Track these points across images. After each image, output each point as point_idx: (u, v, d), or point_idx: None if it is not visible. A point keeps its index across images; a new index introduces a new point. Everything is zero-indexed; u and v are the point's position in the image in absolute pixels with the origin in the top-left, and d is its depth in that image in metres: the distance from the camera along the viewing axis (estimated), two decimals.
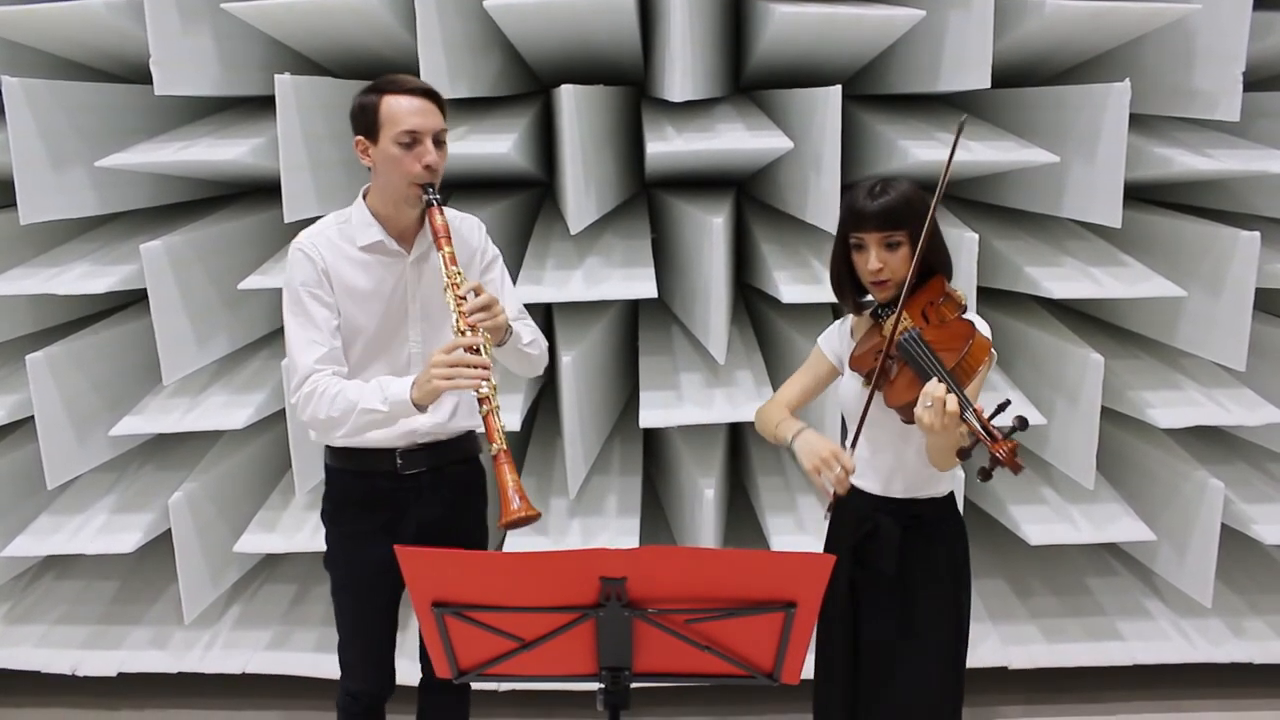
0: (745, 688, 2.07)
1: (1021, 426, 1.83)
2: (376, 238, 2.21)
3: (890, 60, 3.13)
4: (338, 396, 2.15)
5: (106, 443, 3.20)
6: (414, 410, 2.11)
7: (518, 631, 1.75)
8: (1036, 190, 3.11)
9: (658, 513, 3.46)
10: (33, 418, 3.06)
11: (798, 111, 2.95)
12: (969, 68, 2.86)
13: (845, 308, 2.19)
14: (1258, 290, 2.94)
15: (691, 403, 3.02)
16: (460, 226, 2.30)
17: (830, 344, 2.25)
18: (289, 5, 2.83)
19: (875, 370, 2.01)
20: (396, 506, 2.30)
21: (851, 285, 2.13)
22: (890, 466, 2.13)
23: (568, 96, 2.79)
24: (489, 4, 2.77)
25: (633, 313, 3.49)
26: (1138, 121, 2.96)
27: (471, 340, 2.04)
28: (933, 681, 2.16)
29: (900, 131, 2.99)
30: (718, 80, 3.18)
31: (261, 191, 3.34)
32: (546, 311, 3.35)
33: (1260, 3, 2.89)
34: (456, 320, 2.07)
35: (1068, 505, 3.17)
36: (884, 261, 2.02)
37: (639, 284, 2.96)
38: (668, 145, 2.90)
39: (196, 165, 3.03)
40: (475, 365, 2.02)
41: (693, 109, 3.12)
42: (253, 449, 3.37)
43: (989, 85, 2.85)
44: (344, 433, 2.18)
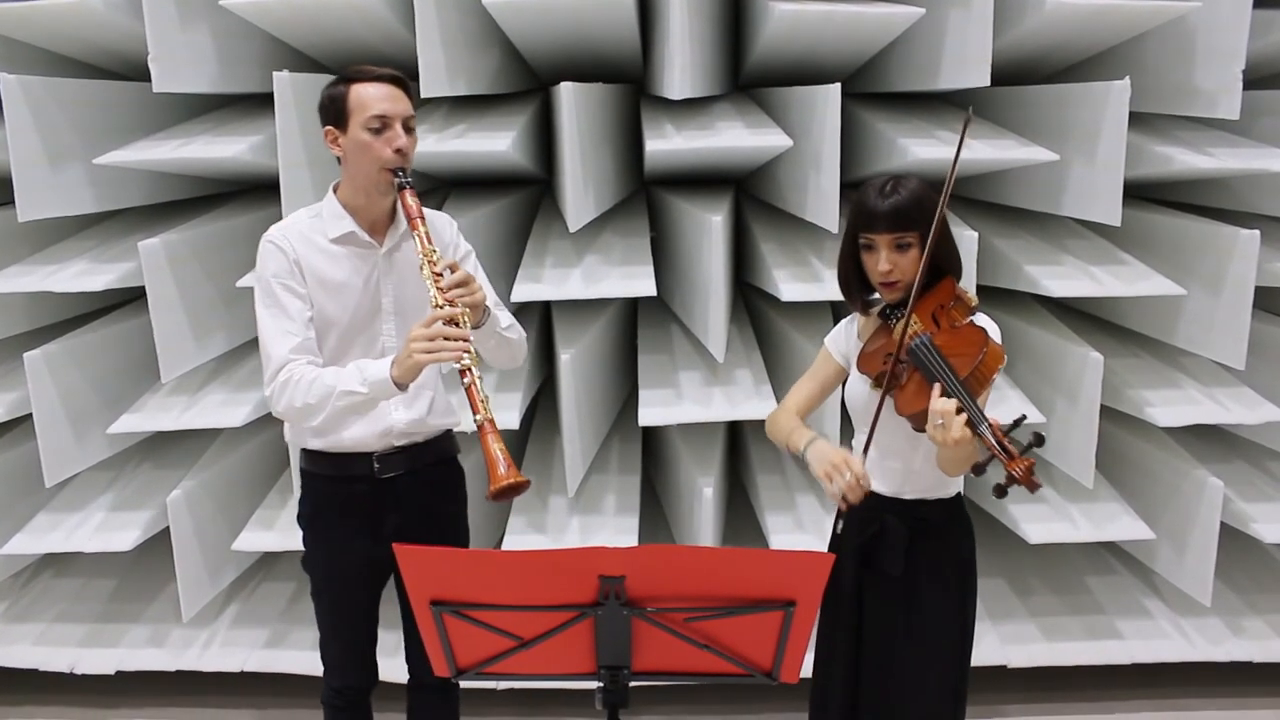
0: (744, 686, 2.06)
1: (1038, 443, 1.80)
2: (348, 229, 2.21)
3: (890, 58, 3.13)
4: (314, 382, 2.13)
5: (104, 441, 3.20)
6: (395, 390, 2.10)
7: (516, 630, 1.75)
8: (1036, 188, 3.10)
9: (657, 511, 3.46)
10: (30, 416, 3.05)
11: (797, 109, 2.95)
12: (969, 66, 2.86)
13: (853, 307, 2.16)
14: (1257, 289, 2.93)
15: (691, 401, 3.01)
16: (433, 222, 2.28)
17: (838, 345, 2.22)
18: (288, 2, 2.83)
19: (886, 374, 1.99)
20: (374, 510, 2.30)
21: (859, 285, 2.10)
22: (899, 470, 2.11)
23: (567, 94, 2.78)
24: (488, 1, 2.76)
25: (632, 311, 3.49)
26: (1138, 120, 2.96)
27: (450, 312, 2.04)
28: (937, 683, 2.15)
29: (900, 130, 2.99)
30: (717, 78, 3.17)
31: (260, 189, 3.33)
32: (545, 310, 3.35)
33: (1260, 1, 2.89)
34: (434, 296, 2.06)
35: (1067, 504, 3.17)
36: (894, 263, 1.99)
37: (638, 282, 2.96)
38: (667, 143, 2.89)
39: (195, 162, 3.03)
40: (455, 337, 2.02)
41: (692, 107, 3.11)
42: (251, 447, 3.37)
43: (989, 83, 2.84)
44: (322, 420, 2.15)
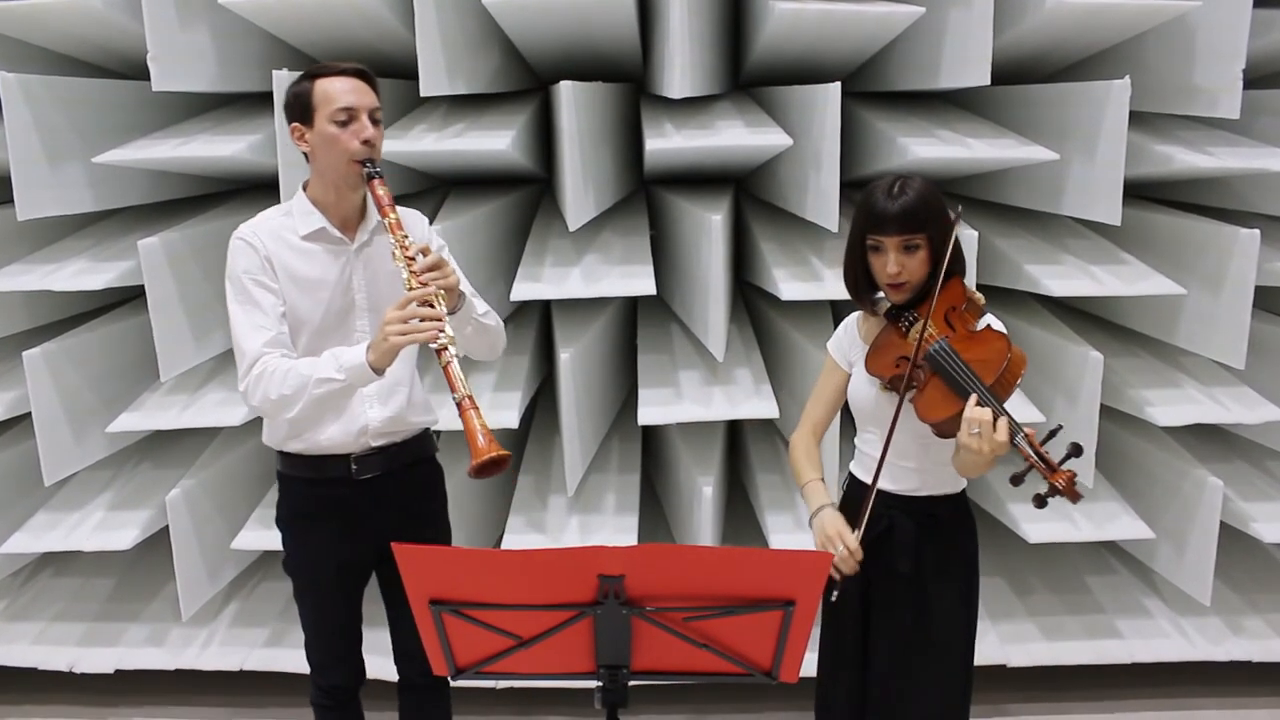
0: (743, 686, 2.06)
1: (1076, 454, 1.82)
2: (318, 225, 2.21)
3: (890, 57, 3.13)
4: (289, 373, 2.12)
5: (103, 439, 3.19)
6: (372, 375, 2.09)
7: (515, 629, 1.74)
8: (1037, 188, 3.10)
9: (656, 511, 3.46)
10: (29, 414, 3.05)
11: (797, 108, 2.95)
12: (969, 65, 2.86)
13: (863, 309, 2.16)
14: (1257, 288, 2.93)
15: (690, 400, 3.01)
16: (404, 218, 2.27)
17: (841, 349, 2.22)
18: (287, 1, 2.82)
19: (904, 378, 1.99)
20: (353, 511, 2.29)
21: (868, 285, 2.10)
22: (911, 469, 2.12)
23: (566, 93, 2.78)
24: (488, 0, 2.76)
25: (631, 310, 3.49)
26: (1138, 119, 2.96)
27: (424, 293, 2.03)
28: (946, 681, 2.16)
29: (900, 129, 2.99)
30: (717, 77, 3.17)
31: (259, 188, 3.33)
32: (545, 309, 3.35)
33: (1260, 0, 2.88)
34: (407, 279, 2.06)
35: (1066, 503, 3.15)
36: (902, 265, 2.00)
37: (638, 281, 2.96)
38: (667, 142, 2.89)
39: (194, 161, 3.03)
40: (430, 318, 2.01)
41: (692, 106, 3.11)
42: (250, 446, 3.37)
43: (989, 82, 2.84)
44: (298, 410, 2.13)
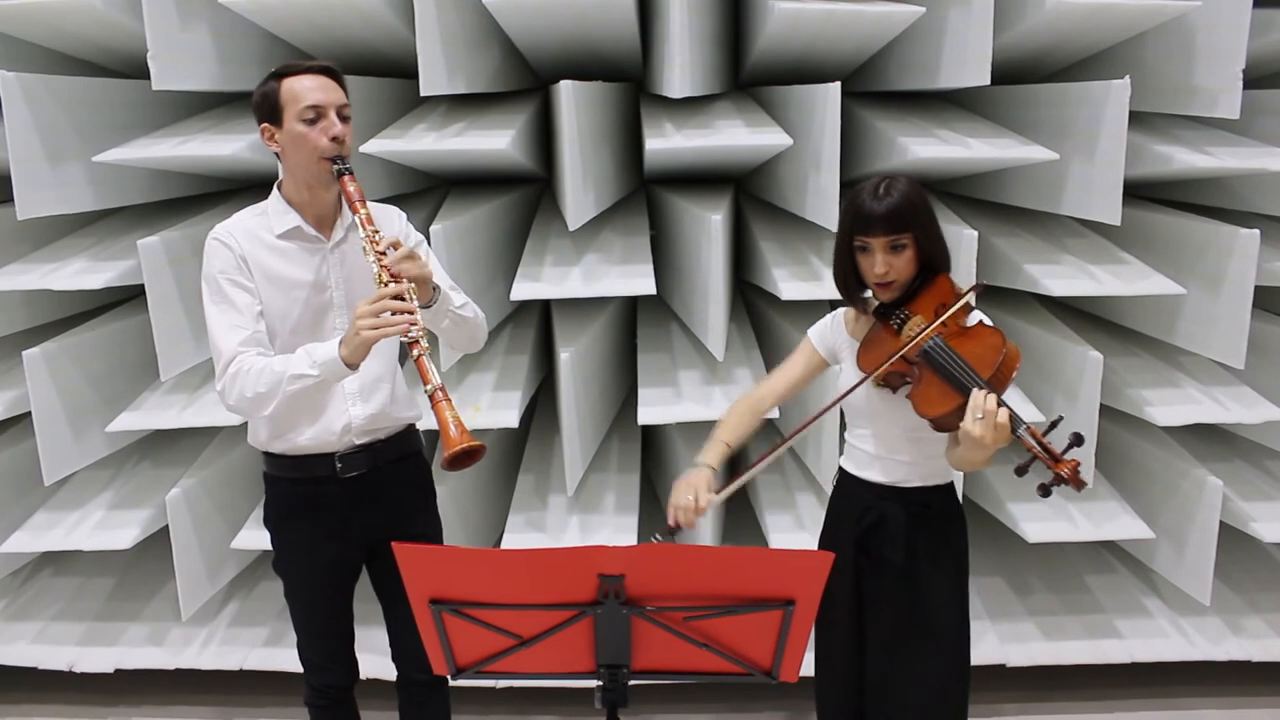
0: (744, 685, 2.07)
1: (1078, 443, 1.84)
2: (294, 223, 2.21)
3: (890, 57, 3.13)
4: (263, 371, 2.12)
5: (103, 439, 3.19)
6: (345, 370, 2.08)
7: (515, 629, 1.75)
8: (1036, 187, 3.10)
9: (656, 510, 3.45)
10: (29, 414, 3.05)
11: (797, 108, 2.95)
12: (969, 64, 2.86)
13: (855, 308, 2.17)
14: (1257, 288, 2.93)
15: (690, 400, 3.01)
16: (378, 216, 2.27)
17: (823, 339, 2.24)
18: (287, 0, 2.82)
19: (900, 375, 2.04)
20: (340, 509, 2.30)
21: (858, 284, 2.12)
22: (901, 462, 2.14)
23: (566, 92, 2.78)
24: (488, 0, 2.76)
25: (631, 310, 3.49)
26: (1137, 119, 2.96)
27: (396, 289, 2.03)
28: (942, 666, 2.18)
29: (900, 129, 2.99)
30: (717, 76, 3.17)
31: (259, 187, 3.31)
32: (545, 308, 3.35)
33: (1260, 0, 2.88)
34: (379, 274, 2.06)
35: (1066, 503, 3.17)
36: (889, 264, 2.02)
37: (638, 281, 2.96)
38: (667, 142, 2.89)
39: (194, 160, 3.03)
40: (400, 310, 2.01)
41: (692, 105, 3.11)
42: (250, 446, 3.36)
43: (989, 82, 2.84)
44: (274, 408, 2.14)
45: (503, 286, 3.09)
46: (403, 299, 2.02)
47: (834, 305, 3.08)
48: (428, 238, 2.54)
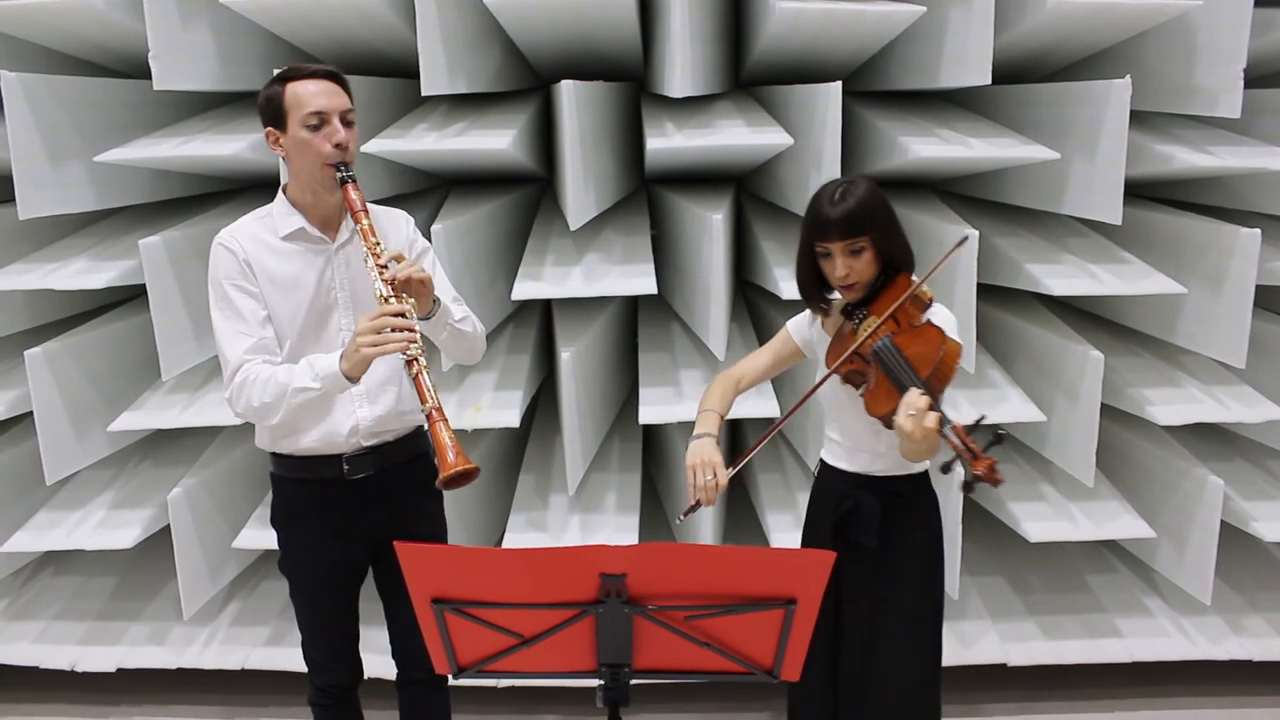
0: (745, 685, 2.07)
1: (998, 441, 1.90)
2: (298, 225, 2.22)
3: (891, 56, 3.13)
4: (269, 381, 2.14)
5: (105, 438, 3.20)
6: (347, 384, 2.11)
7: (517, 628, 1.75)
8: (1037, 187, 3.10)
9: (657, 510, 3.46)
10: (31, 413, 3.05)
11: (798, 108, 2.95)
12: (969, 64, 2.86)
13: (812, 310, 2.29)
14: (1258, 287, 2.93)
15: (691, 399, 3.01)
16: (384, 221, 2.29)
17: (800, 330, 2.35)
18: (288, 0, 2.82)
19: (854, 372, 2.12)
20: (347, 511, 2.30)
21: (816, 287, 2.22)
22: (866, 453, 2.24)
23: (567, 92, 2.78)
24: None
25: (632, 309, 3.49)
26: (1138, 118, 2.96)
27: (397, 307, 2.04)
28: (915, 651, 2.25)
29: (900, 128, 2.99)
30: (718, 76, 3.17)
31: (260, 187, 3.33)
32: (546, 308, 3.35)
33: (1260, 0, 2.88)
34: (380, 288, 2.07)
35: (1067, 502, 3.17)
36: (849, 267, 2.10)
37: (639, 280, 2.96)
38: (667, 141, 2.89)
39: (195, 160, 3.03)
40: (401, 329, 2.02)
41: (693, 105, 3.11)
42: (251, 445, 3.32)
43: (989, 82, 2.84)
44: (280, 417, 2.16)
45: (504, 286, 3.09)
46: (404, 316, 2.04)
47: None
48: (429, 238, 2.54)
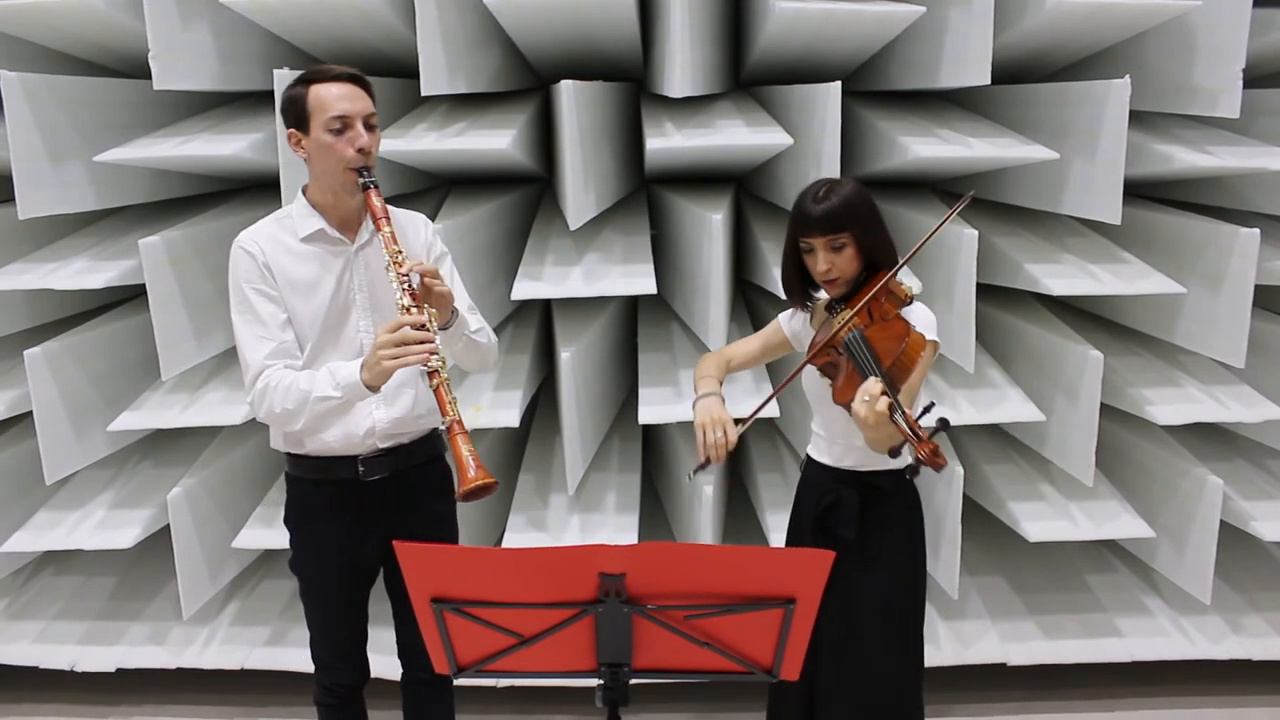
0: (744, 684, 2.07)
1: (944, 427, 1.94)
2: (317, 226, 2.22)
3: (890, 56, 3.13)
4: (290, 388, 2.14)
5: (105, 438, 3.19)
6: (367, 393, 2.11)
7: (517, 628, 1.75)
8: (1037, 187, 3.10)
9: (657, 509, 3.46)
10: (31, 413, 3.05)
11: (798, 108, 2.95)
12: (969, 64, 2.86)
13: (794, 306, 2.34)
14: (1257, 287, 2.94)
15: (691, 399, 3.01)
16: (404, 224, 2.29)
17: (790, 322, 2.40)
18: (288, 0, 2.83)
19: (832, 364, 2.17)
20: (360, 512, 2.30)
21: (801, 284, 2.28)
22: (844, 446, 2.29)
23: (567, 92, 2.78)
24: None
25: (632, 309, 3.49)
26: (1138, 118, 2.96)
27: (417, 318, 2.05)
28: (895, 641, 2.27)
29: (900, 128, 2.99)
30: (717, 76, 3.17)
31: (260, 187, 3.33)
32: (545, 308, 3.35)
33: (1260, 0, 2.88)
34: (400, 298, 2.07)
35: (1067, 502, 3.17)
36: (831, 262, 2.16)
37: (638, 280, 2.96)
38: (667, 141, 2.89)
39: (195, 160, 3.03)
40: (421, 340, 2.03)
41: (692, 105, 3.11)
42: (251, 445, 3.37)
43: (989, 82, 2.84)
44: (302, 424, 2.17)
45: (503, 286, 3.10)
46: (424, 328, 2.04)
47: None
48: None
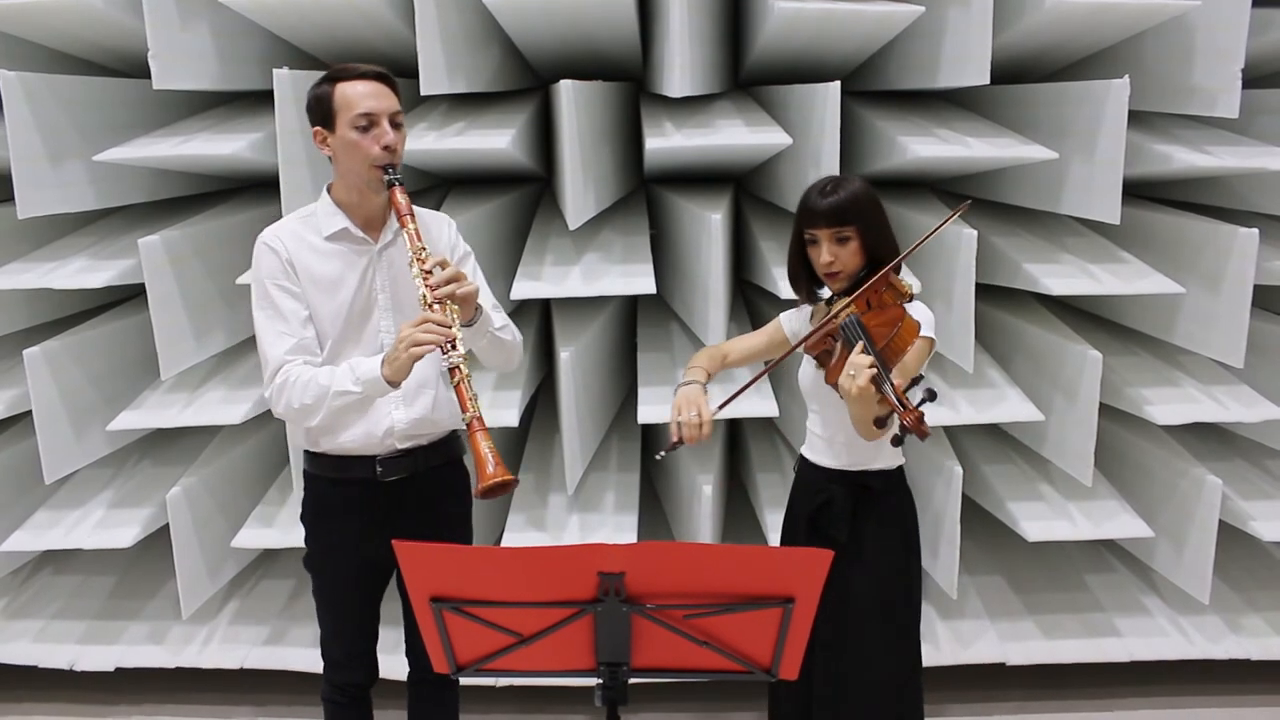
0: (743, 684, 2.07)
1: (930, 398, 1.96)
2: (341, 225, 2.22)
3: (890, 56, 3.13)
4: (309, 383, 2.15)
5: (104, 438, 3.19)
6: (387, 388, 2.11)
7: (516, 627, 1.75)
8: (1036, 187, 3.10)
9: (656, 509, 3.46)
10: (30, 413, 3.05)
11: (797, 107, 2.95)
12: (968, 64, 2.86)
13: (800, 299, 2.35)
14: (1256, 287, 2.94)
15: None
16: (429, 223, 2.29)
17: (791, 322, 2.42)
18: (287, 0, 2.83)
19: (828, 351, 2.16)
20: (377, 512, 2.30)
21: (807, 278, 2.30)
22: (840, 442, 2.28)
23: (566, 92, 2.78)
24: None
25: (631, 309, 3.49)
26: (1137, 118, 2.96)
27: (440, 317, 2.05)
28: (890, 641, 2.28)
29: (899, 128, 2.99)
30: (717, 76, 3.17)
31: (260, 186, 3.33)
32: (545, 308, 3.35)
33: (1259, 0, 2.89)
34: (423, 294, 2.07)
35: (1066, 502, 3.17)
36: (835, 254, 2.18)
37: (638, 280, 2.96)
38: (667, 141, 2.89)
39: (194, 160, 3.03)
40: (441, 324, 2.03)
41: (692, 105, 3.11)
42: (250, 444, 3.37)
43: (988, 81, 2.84)
44: (320, 419, 2.17)
45: (503, 285, 3.09)
46: (446, 325, 2.04)
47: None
48: None
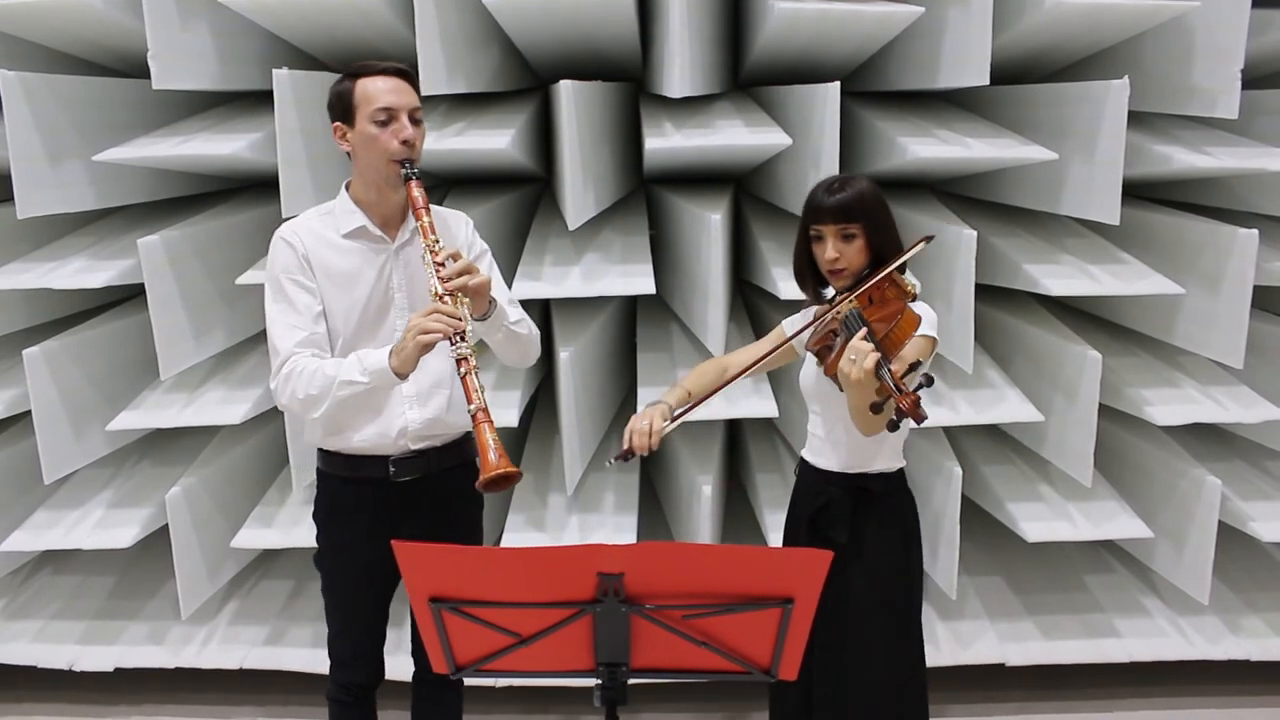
0: (743, 684, 2.07)
1: (928, 383, 1.97)
2: (359, 223, 2.23)
3: (889, 57, 3.13)
4: (316, 373, 2.14)
5: (103, 438, 3.19)
6: (395, 379, 2.11)
7: (515, 627, 1.75)
8: (1035, 187, 3.10)
9: (655, 509, 3.46)
10: (29, 413, 3.05)
11: (796, 108, 2.95)
12: (968, 64, 2.86)
13: (806, 296, 2.34)
14: (1256, 288, 2.94)
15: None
16: (447, 220, 2.30)
17: (794, 327, 2.40)
18: (287, 0, 2.83)
19: (824, 348, 2.17)
20: (388, 513, 2.30)
21: (812, 276, 2.29)
22: (842, 443, 2.28)
23: (566, 92, 2.78)
24: None
25: (631, 309, 3.49)
26: (1136, 119, 2.96)
27: (451, 308, 2.04)
28: (890, 642, 2.27)
29: (899, 128, 2.99)
30: (716, 76, 3.18)
31: (259, 186, 3.33)
32: (544, 308, 3.35)
33: (1259, 0, 2.89)
34: (435, 285, 2.07)
35: (1065, 502, 3.17)
36: (840, 251, 2.18)
37: (637, 280, 2.96)
38: (666, 141, 2.89)
39: (194, 160, 3.03)
40: (450, 315, 2.02)
41: (691, 105, 3.11)
42: (250, 444, 3.37)
43: (988, 82, 2.84)
44: (325, 410, 2.16)
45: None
46: (456, 316, 2.04)
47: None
48: None
